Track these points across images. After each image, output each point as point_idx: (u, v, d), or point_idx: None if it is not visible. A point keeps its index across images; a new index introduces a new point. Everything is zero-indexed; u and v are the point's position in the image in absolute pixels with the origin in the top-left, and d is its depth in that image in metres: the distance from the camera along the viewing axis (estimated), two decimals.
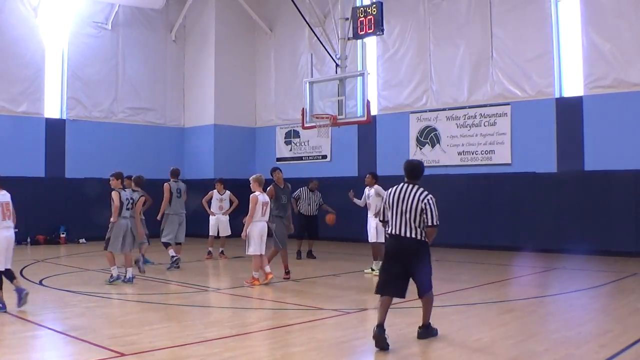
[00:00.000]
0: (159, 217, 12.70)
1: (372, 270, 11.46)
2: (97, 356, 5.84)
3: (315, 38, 15.25)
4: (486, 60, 16.53)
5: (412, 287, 6.60)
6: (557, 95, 15.55)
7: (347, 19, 13.28)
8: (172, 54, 21.65)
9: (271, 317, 8.07)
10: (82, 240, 18.45)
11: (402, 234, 6.43)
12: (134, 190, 11.37)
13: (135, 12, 20.52)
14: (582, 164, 14.92)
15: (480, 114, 16.60)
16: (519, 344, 6.41)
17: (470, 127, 16.78)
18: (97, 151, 19.28)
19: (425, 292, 6.63)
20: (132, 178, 11.71)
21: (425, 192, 6.47)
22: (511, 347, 6.30)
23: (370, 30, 12.81)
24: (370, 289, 10.01)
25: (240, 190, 20.94)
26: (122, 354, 5.88)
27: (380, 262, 10.17)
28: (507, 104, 16.18)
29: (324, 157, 19.95)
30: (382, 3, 12.75)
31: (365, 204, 11.99)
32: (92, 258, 14.40)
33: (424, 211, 6.36)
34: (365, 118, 12.94)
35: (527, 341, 6.54)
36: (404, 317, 7.84)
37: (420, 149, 17.69)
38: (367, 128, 17.72)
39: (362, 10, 12.96)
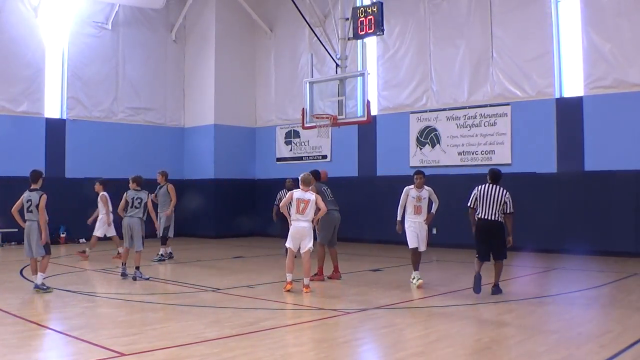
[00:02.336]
0: (168, 213, 13.63)
1: (419, 279, 10.27)
2: (97, 356, 5.84)
3: (315, 38, 15.25)
4: (486, 60, 16.54)
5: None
6: (557, 96, 15.55)
7: (347, 19, 13.28)
8: (172, 54, 21.65)
9: (271, 317, 8.06)
10: (82, 240, 18.42)
11: (490, 218, 9.34)
12: (136, 190, 11.22)
13: (135, 12, 20.52)
14: (582, 164, 14.92)
15: (480, 114, 16.59)
16: (519, 344, 6.41)
17: (470, 127, 16.78)
18: (97, 151, 19.29)
19: (501, 259, 9.40)
20: (132, 177, 11.42)
21: (506, 190, 9.43)
22: (511, 347, 6.30)
23: (371, 30, 12.81)
24: (370, 289, 10.04)
25: (240, 189, 21.01)
26: (122, 354, 5.88)
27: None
28: (507, 104, 16.18)
29: (324, 157, 19.94)
30: (382, 3, 12.74)
31: (411, 208, 10.33)
32: (92, 258, 14.40)
33: (506, 203, 9.32)
34: (365, 118, 12.92)
35: (527, 341, 6.54)
36: (404, 317, 7.85)
37: (421, 149, 17.69)
38: (367, 128, 17.72)
39: (362, 10, 12.95)
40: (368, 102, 12.70)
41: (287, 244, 9.87)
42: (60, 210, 18.01)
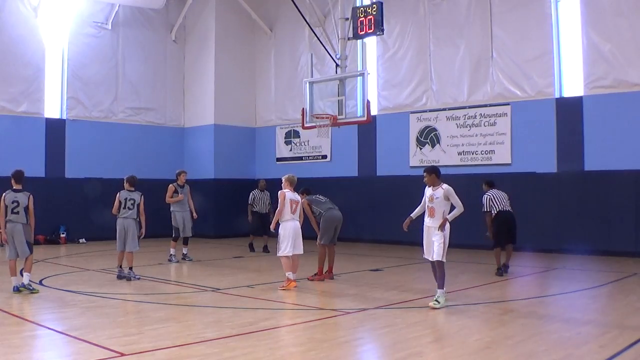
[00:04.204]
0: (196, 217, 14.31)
1: (438, 302, 8.31)
2: (97, 356, 5.84)
3: (315, 38, 15.26)
4: (486, 60, 16.54)
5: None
6: (557, 95, 15.55)
7: (347, 19, 13.28)
8: (172, 54, 21.65)
9: (271, 317, 8.06)
10: (82, 240, 18.46)
11: (507, 209, 11.61)
12: (130, 191, 11.00)
13: (135, 12, 20.52)
14: (582, 164, 14.92)
15: (480, 114, 16.60)
16: (519, 344, 6.41)
17: (470, 127, 16.78)
18: (97, 151, 19.29)
19: (515, 243, 11.78)
20: (127, 178, 11.15)
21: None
22: (511, 347, 6.29)
23: (370, 30, 12.81)
24: (370, 289, 10.04)
25: (240, 189, 20.98)
26: (122, 354, 5.89)
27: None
28: (507, 104, 16.18)
29: (324, 157, 19.95)
30: (382, 3, 12.75)
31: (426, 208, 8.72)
32: (92, 258, 14.42)
33: (510, 198, 11.83)
34: (365, 118, 12.93)
35: (527, 341, 6.54)
36: (404, 317, 7.85)
37: (420, 149, 17.69)
38: (367, 128, 17.73)
39: (362, 10, 12.95)
40: (368, 102, 12.70)
41: (287, 252, 9.87)
42: (60, 210, 18.12)
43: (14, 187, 9.43)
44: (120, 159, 19.40)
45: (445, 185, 8.62)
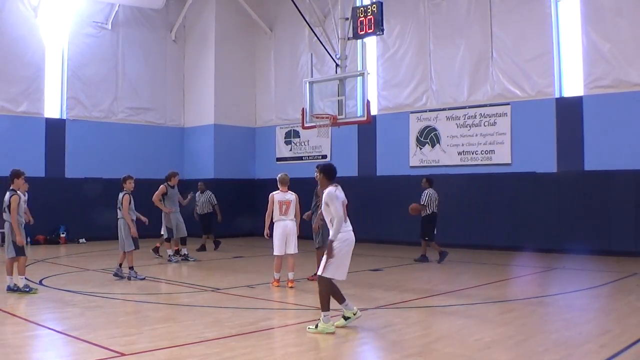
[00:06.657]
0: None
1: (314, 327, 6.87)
2: (97, 356, 5.84)
3: (315, 38, 15.25)
4: (486, 60, 16.53)
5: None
6: (557, 95, 15.55)
7: (347, 18, 13.28)
8: (172, 54, 21.65)
9: (271, 317, 8.07)
10: (82, 240, 18.45)
11: (435, 212, 13.59)
12: (120, 191, 11.06)
13: (135, 12, 20.52)
14: (582, 164, 14.92)
15: (480, 114, 16.59)
16: (519, 344, 6.41)
17: (470, 127, 16.78)
18: (97, 151, 19.29)
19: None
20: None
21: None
22: (511, 347, 6.29)
23: (370, 30, 12.81)
24: (370, 289, 10.04)
25: (240, 189, 21.04)
26: (122, 354, 5.88)
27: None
28: (507, 104, 16.17)
29: (324, 157, 19.94)
30: (382, 3, 12.74)
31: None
32: (92, 258, 14.41)
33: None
34: (365, 118, 12.92)
35: (527, 341, 6.54)
36: (404, 317, 7.85)
37: (420, 149, 17.69)
38: (367, 128, 17.72)
39: (362, 10, 12.95)
40: (368, 102, 12.69)
41: (276, 252, 10.20)
42: (60, 210, 18.12)
43: (10, 187, 9.47)
44: (120, 159, 19.40)
45: (329, 188, 7.12)
